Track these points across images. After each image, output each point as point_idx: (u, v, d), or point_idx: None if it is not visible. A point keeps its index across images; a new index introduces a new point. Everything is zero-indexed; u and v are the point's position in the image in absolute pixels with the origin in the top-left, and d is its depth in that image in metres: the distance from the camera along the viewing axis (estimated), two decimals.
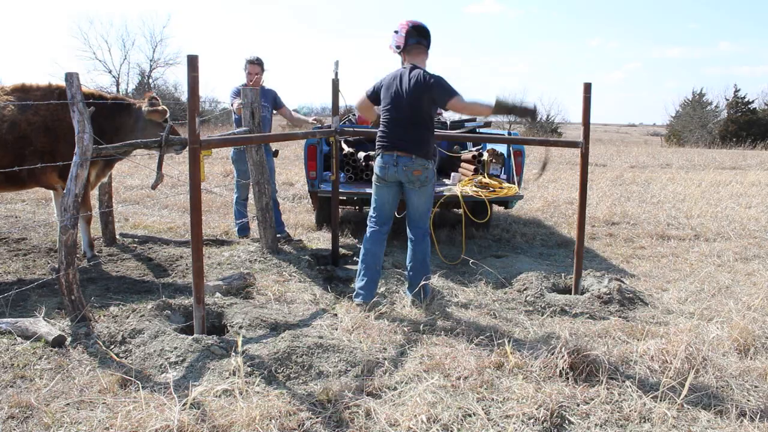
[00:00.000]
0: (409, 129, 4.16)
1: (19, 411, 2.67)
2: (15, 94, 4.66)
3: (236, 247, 5.72)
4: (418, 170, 4.14)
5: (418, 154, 4.13)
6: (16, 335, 3.43)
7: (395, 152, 4.16)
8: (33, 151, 4.62)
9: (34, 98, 4.62)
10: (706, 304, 4.43)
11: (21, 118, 4.59)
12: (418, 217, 4.32)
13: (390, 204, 4.33)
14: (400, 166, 4.14)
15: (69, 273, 3.59)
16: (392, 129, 4.20)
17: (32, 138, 4.62)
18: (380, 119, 4.32)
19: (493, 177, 6.37)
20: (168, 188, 9.53)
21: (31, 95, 4.66)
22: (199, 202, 3.43)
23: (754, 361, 3.36)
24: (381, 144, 4.25)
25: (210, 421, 2.58)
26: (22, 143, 4.59)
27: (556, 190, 10.69)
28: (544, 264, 5.70)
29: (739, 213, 8.65)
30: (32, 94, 4.67)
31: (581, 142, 4.55)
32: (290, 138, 5.93)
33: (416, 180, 4.17)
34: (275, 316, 3.86)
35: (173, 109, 30.43)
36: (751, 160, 20.24)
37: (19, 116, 4.58)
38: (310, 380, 3.04)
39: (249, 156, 5.56)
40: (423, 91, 4.09)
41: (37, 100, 4.61)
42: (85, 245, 5.22)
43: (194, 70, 3.28)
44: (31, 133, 4.61)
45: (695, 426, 2.71)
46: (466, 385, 2.99)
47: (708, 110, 42.38)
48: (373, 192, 4.37)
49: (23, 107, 4.59)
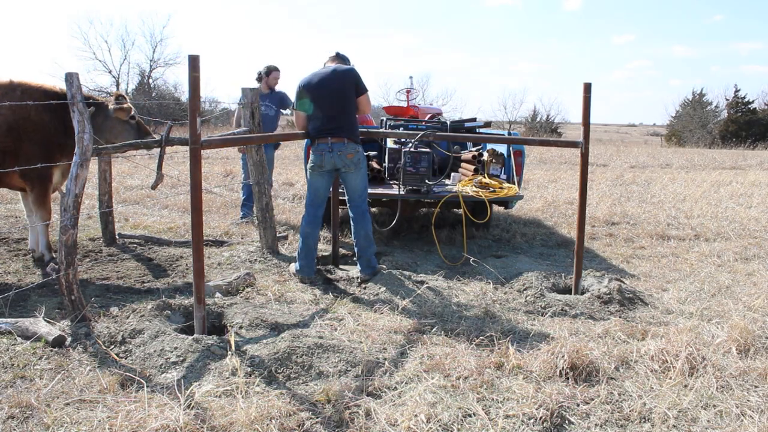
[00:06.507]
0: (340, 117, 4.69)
1: (19, 411, 2.67)
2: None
3: (236, 247, 5.73)
4: (351, 153, 4.66)
5: (350, 138, 4.67)
6: (16, 335, 3.43)
7: (330, 139, 4.64)
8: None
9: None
10: (706, 304, 4.43)
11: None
12: (356, 197, 4.84)
13: (324, 189, 4.84)
14: (335, 152, 4.63)
15: (69, 273, 3.59)
16: (325, 119, 4.68)
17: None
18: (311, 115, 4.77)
19: (493, 177, 6.37)
20: (168, 188, 9.53)
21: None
22: (200, 203, 3.43)
23: (754, 361, 3.35)
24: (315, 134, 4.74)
25: (210, 421, 2.58)
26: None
27: (556, 190, 10.70)
28: (544, 264, 5.70)
29: (739, 213, 8.65)
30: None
31: (581, 142, 4.55)
32: (290, 138, 5.93)
33: (350, 163, 4.68)
34: (275, 316, 3.87)
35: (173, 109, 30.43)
36: (751, 160, 20.26)
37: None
38: (310, 380, 3.05)
39: (249, 156, 5.56)
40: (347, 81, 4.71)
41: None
42: (42, 247, 5.11)
43: (195, 70, 3.28)
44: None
45: (695, 426, 2.71)
46: (466, 385, 2.99)
47: (708, 110, 42.41)
48: (308, 179, 4.91)
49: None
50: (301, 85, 4.76)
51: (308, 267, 4.84)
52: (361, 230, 4.84)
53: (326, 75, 4.70)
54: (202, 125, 3.42)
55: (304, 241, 4.83)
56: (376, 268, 4.85)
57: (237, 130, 5.73)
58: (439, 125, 7.14)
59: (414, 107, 10.18)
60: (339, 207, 5.62)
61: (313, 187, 4.83)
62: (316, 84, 4.69)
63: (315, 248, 4.89)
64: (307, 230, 4.84)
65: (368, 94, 4.83)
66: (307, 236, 4.83)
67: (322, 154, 4.65)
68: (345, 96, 4.69)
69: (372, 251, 4.86)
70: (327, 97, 4.67)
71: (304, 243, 4.82)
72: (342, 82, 4.67)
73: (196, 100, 3.36)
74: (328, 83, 4.67)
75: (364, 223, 4.85)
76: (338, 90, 4.67)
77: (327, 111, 4.67)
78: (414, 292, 4.41)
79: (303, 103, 4.76)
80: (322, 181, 4.81)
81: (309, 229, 4.84)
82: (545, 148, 19.79)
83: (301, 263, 4.83)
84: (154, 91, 37.28)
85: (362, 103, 4.80)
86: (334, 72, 4.70)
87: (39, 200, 4.83)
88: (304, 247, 4.83)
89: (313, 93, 4.70)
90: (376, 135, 5.85)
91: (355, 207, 4.86)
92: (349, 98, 4.71)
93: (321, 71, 4.77)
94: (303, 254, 4.83)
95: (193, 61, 3.28)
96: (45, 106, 4.52)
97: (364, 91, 4.78)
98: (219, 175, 11.78)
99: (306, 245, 4.82)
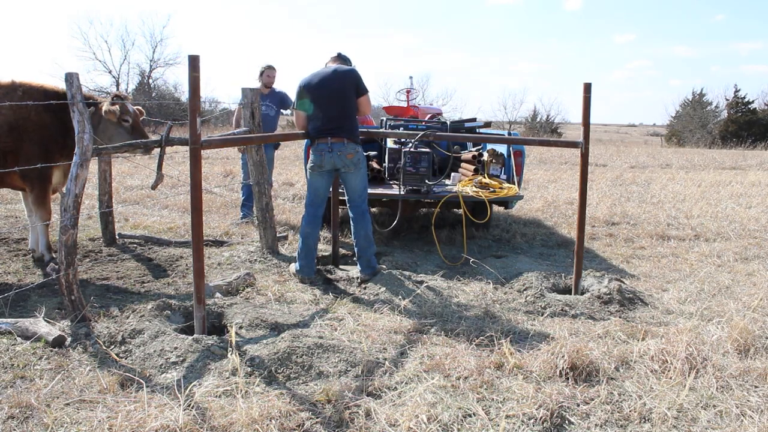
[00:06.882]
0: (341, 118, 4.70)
1: (19, 411, 2.67)
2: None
3: (236, 247, 5.73)
4: (350, 154, 4.67)
5: (350, 139, 4.67)
6: (16, 335, 3.43)
7: (329, 139, 4.64)
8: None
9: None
10: (706, 304, 4.43)
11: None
12: (356, 197, 4.85)
13: (324, 189, 4.85)
14: (335, 152, 4.63)
15: (69, 273, 3.59)
16: (325, 119, 4.68)
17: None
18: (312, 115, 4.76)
19: (493, 177, 6.37)
20: (168, 188, 9.53)
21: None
22: (200, 203, 3.43)
23: (754, 361, 3.35)
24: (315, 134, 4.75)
25: (210, 421, 2.58)
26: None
27: (556, 190, 10.69)
28: (544, 264, 5.70)
29: (739, 213, 8.65)
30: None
31: (581, 142, 4.55)
32: (290, 138, 5.93)
33: (350, 163, 4.69)
34: (275, 316, 3.87)
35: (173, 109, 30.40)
36: (751, 160, 20.25)
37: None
38: (310, 380, 3.05)
39: (249, 156, 5.56)
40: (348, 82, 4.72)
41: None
42: (42, 247, 5.11)
43: (195, 70, 3.28)
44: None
45: (695, 426, 2.71)
46: (466, 385, 2.99)
47: (708, 110, 42.39)
48: (308, 179, 4.91)
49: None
50: (302, 84, 4.76)
51: (308, 267, 4.84)
52: (361, 230, 4.85)
53: (327, 75, 4.70)
54: (202, 125, 3.42)
55: (304, 241, 4.83)
56: (376, 268, 4.86)
57: (237, 130, 5.73)
58: (439, 125, 7.14)
59: (414, 107, 10.19)
60: (339, 207, 5.62)
61: (312, 187, 4.84)
62: (317, 84, 4.69)
63: (315, 248, 4.90)
64: (307, 230, 4.85)
65: (369, 95, 4.84)
66: (307, 236, 4.84)
67: (322, 154, 4.66)
68: (345, 96, 4.69)
69: (372, 251, 4.87)
70: (327, 97, 4.67)
71: (304, 243, 4.83)
72: (342, 83, 4.68)
73: (196, 100, 3.36)
74: (328, 83, 4.67)
75: (364, 224, 4.86)
76: (338, 90, 4.67)
77: (327, 111, 4.67)
78: (414, 292, 4.41)
79: (303, 103, 4.76)
80: (321, 181, 4.81)
81: (309, 229, 4.85)
82: (545, 148, 19.78)
83: (301, 263, 4.84)
84: (154, 91, 37.24)
85: (362, 104, 4.80)
86: (335, 72, 4.70)
87: (39, 200, 4.83)
88: (304, 247, 4.83)
89: (313, 93, 4.70)
90: (376, 135, 5.85)
91: (354, 207, 4.87)
92: (350, 99, 4.71)
93: (322, 71, 4.77)
94: (303, 254, 4.84)
95: (193, 61, 3.28)
96: (46, 106, 4.53)
97: (364, 92, 4.79)
98: (219, 175, 11.78)
99: (306, 245, 4.83)
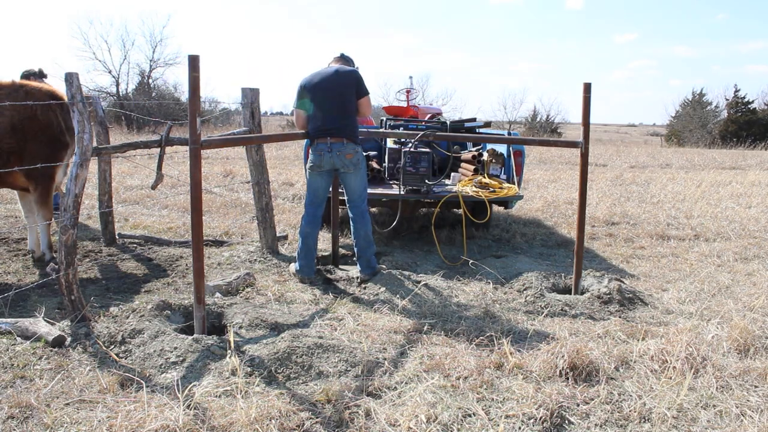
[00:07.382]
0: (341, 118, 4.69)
1: (19, 411, 2.67)
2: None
3: (236, 247, 5.73)
4: (350, 154, 4.66)
5: (349, 139, 4.66)
6: (16, 335, 3.43)
7: (329, 139, 4.64)
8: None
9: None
10: (706, 304, 4.43)
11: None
12: (356, 197, 4.85)
13: (323, 189, 4.84)
14: (334, 152, 4.63)
15: (69, 273, 3.59)
16: (324, 119, 4.67)
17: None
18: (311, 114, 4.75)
19: (493, 177, 6.37)
20: (168, 188, 9.53)
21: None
22: (200, 203, 3.42)
23: (754, 361, 3.36)
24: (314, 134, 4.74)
25: (210, 421, 2.58)
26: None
27: (556, 190, 10.69)
28: (544, 264, 5.70)
29: (739, 213, 8.65)
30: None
31: (581, 142, 4.55)
32: (290, 138, 5.93)
33: (349, 163, 4.69)
34: (275, 316, 3.87)
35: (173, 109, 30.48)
36: (751, 160, 20.24)
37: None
38: (310, 380, 3.05)
39: (249, 156, 5.57)
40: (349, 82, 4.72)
41: (1, 99, 4.44)
42: (44, 246, 5.12)
43: (195, 70, 3.28)
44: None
45: (695, 426, 2.71)
46: (466, 385, 2.99)
47: (708, 110, 42.36)
48: (308, 179, 4.88)
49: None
50: (303, 84, 4.76)
51: (308, 267, 4.85)
52: (360, 230, 4.86)
53: (328, 75, 4.70)
54: (202, 125, 3.42)
55: (303, 241, 4.84)
56: (375, 268, 4.86)
57: (237, 130, 5.73)
58: (439, 125, 7.14)
59: (414, 107, 10.19)
60: (339, 207, 5.62)
61: (312, 187, 4.84)
62: (317, 84, 4.69)
63: (315, 248, 4.90)
64: (307, 230, 4.85)
65: (369, 97, 4.84)
66: (306, 236, 4.84)
67: (321, 154, 4.66)
68: (345, 97, 4.69)
69: (372, 251, 4.87)
70: (327, 97, 4.66)
71: (304, 243, 4.83)
72: (343, 83, 4.68)
73: (196, 100, 3.36)
74: (329, 83, 4.67)
75: (364, 224, 4.87)
76: (339, 90, 4.67)
77: (327, 111, 4.66)
78: (414, 292, 4.41)
79: (303, 102, 4.75)
80: (321, 181, 4.82)
81: (309, 229, 4.85)
82: (545, 148, 19.78)
83: (301, 263, 4.85)
84: (154, 91, 37.20)
85: (363, 105, 4.79)
86: (336, 72, 4.70)
87: (42, 200, 4.84)
88: (303, 247, 4.84)
89: (313, 92, 4.70)
90: (376, 135, 5.85)
91: (354, 207, 4.87)
92: (350, 99, 4.70)
93: (323, 71, 4.77)
94: (303, 254, 4.84)
95: (193, 61, 3.28)
96: (49, 105, 4.55)
97: (365, 93, 4.78)
98: (219, 175, 11.78)
99: (306, 245, 4.83)
